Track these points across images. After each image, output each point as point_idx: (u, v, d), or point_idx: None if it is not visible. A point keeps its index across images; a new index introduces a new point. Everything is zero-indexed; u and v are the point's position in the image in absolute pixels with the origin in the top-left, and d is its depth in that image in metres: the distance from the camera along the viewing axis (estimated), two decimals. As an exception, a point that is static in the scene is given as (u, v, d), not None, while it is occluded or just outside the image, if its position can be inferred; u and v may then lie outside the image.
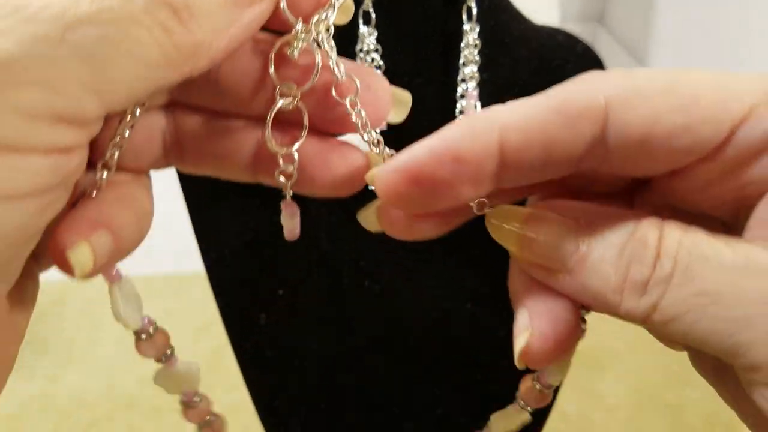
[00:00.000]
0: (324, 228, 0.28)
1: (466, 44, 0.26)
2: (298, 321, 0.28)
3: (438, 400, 0.30)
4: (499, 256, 0.29)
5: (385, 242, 0.28)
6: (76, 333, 0.48)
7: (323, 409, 0.29)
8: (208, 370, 0.45)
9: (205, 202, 0.27)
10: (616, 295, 0.15)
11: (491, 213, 0.16)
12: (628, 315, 0.15)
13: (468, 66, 0.27)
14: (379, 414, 0.30)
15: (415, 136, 0.28)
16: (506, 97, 0.28)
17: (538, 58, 0.29)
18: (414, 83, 0.27)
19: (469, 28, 0.26)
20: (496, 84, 0.28)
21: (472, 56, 0.27)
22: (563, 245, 0.15)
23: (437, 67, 0.27)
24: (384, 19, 0.26)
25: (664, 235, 0.15)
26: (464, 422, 0.31)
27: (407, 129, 0.28)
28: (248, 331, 0.28)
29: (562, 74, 0.30)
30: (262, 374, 0.28)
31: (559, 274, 0.16)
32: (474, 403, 0.30)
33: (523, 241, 0.16)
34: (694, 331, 0.14)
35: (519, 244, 0.16)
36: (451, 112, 0.27)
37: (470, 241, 0.29)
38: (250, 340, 0.28)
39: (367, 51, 0.26)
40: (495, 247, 0.30)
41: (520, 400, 0.19)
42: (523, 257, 0.16)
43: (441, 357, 0.29)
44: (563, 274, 0.16)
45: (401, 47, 0.26)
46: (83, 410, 0.42)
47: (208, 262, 0.27)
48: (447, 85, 0.27)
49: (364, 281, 0.28)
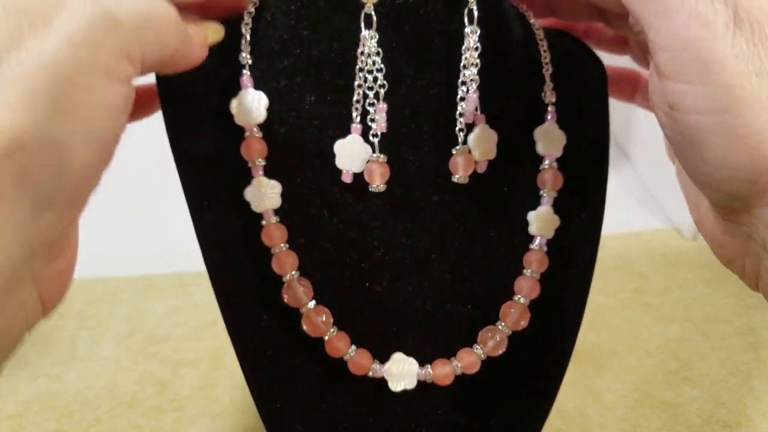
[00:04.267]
0: (325, 229, 0.28)
1: (468, 47, 0.27)
2: (299, 320, 0.28)
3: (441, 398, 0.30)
4: (497, 258, 0.29)
5: (387, 243, 0.28)
6: (77, 332, 0.49)
7: (325, 408, 0.29)
8: (209, 369, 0.45)
9: (205, 202, 0.27)
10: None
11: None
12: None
13: (469, 69, 0.27)
14: (380, 413, 0.30)
15: (418, 138, 0.28)
16: (508, 99, 0.29)
17: (539, 60, 0.29)
18: (416, 86, 0.27)
19: (471, 31, 0.27)
20: (498, 86, 0.28)
21: (474, 59, 0.27)
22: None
23: (439, 69, 0.27)
24: (385, 21, 0.26)
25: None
26: (465, 423, 0.31)
27: (410, 130, 0.28)
28: (249, 331, 0.28)
29: (564, 76, 0.30)
30: (263, 373, 0.29)
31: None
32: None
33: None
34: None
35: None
36: (453, 114, 0.27)
37: (469, 241, 0.29)
38: (251, 339, 0.28)
39: (368, 54, 0.26)
40: (494, 247, 0.30)
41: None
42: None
43: (440, 355, 0.30)
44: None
45: (403, 50, 0.27)
46: (85, 409, 0.42)
47: (208, 262, 0.27)
48: (448, 88, 0.27)
49: (365, 282, 0.28)
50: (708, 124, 0.22)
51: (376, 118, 0.26)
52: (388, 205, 0.28)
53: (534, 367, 0.31)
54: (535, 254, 0.29)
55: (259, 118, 0.27)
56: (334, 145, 0.27)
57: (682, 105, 0.23)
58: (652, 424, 0.42)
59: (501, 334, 0.29)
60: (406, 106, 0.27)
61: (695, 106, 0.22)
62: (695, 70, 0.22)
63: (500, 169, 0.29)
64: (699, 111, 0.22)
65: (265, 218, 0.27)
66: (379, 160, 0.27)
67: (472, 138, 0.27)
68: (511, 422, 0.31)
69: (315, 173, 0.28)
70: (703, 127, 0.22)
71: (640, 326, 0.50)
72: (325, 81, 0.27)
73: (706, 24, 0.21)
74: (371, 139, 0.27)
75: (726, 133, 0.22)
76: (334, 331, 0.28)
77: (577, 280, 0.30)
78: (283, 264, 0.27)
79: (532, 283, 0.29)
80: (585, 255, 0.30)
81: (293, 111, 0.27)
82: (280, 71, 0.27)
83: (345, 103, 0.27)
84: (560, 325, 0.31)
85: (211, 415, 0.42)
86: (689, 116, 0.23)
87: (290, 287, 0.27)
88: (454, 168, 0.27)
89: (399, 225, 0.28)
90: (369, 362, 0.28)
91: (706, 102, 0.22)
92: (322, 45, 0.27)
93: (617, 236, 0.59)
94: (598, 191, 0.30)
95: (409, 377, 0.29)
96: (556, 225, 0.29)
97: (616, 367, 0.46)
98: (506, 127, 0.29)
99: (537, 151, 0.29)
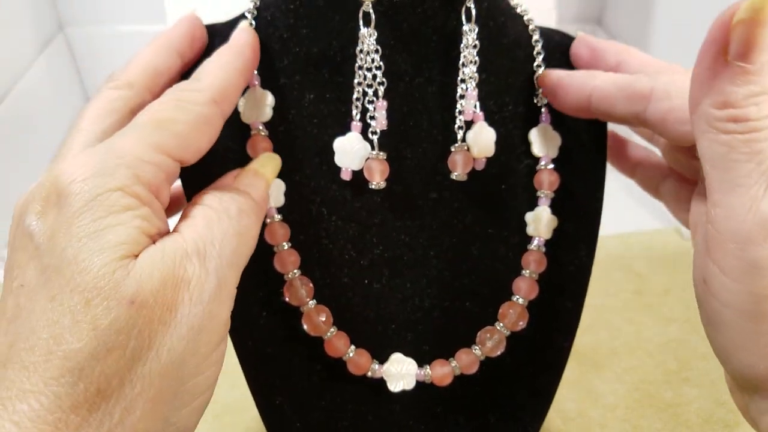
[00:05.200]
0: (324, 226, 0.28)
1: (466, 45, 0.27)
2: (299, 318, 0.28)
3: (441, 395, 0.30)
4: (495, 256, 0.29)
5: (386, 240, 0.28)
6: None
7: (324, 406, 0.29)
8: (209, 368, 0.45)
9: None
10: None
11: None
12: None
13: (467, 66, 0.27)
14: (379, 411, 0.30)
15: (416, 135, 0.28)
16: (505, 97, 0.29)
17: (536, 58, 0.30)
18: (414, 83, 0.27)
19: (469, 29, 0.27)
20: (495, 84, 0.28)
21: (472, 57, 0.27)
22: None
23: (437, 67, 0.27)
24: (384, 19, 0.26)
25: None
26: (463, 422, 0.31)
27: (408, 128, 0.28)
28: (249, 329, 0.28)
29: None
30: (262, 371, 0.29)
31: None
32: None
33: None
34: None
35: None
36: (451, 112, 0.28)
37: (468, 238, 0.29)
38: (250, 337, 0.28)
39: (367, 52, 0.26)
40: (492, 245, 0.30)
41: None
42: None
43: (439, 353, 0.30)
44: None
45: (401, 48, 0.27)
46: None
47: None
48: (447, 86, 0.27)
49: (363, 279, 0.29)
50: (733, 319, 0.21)
51: (376, 115, 0.26)
52: (386, 202, 0.28)
53: (532, 366, 0.31)
54: (534, 255, 0.29)
55: (265, 117, 0.27)
56: (334, 143, 0.27)
57: (714, 288, 0.22)
58: (652, 424, 0.42)
59: (499, 334, 0.29)
60: (404, 103, 0.27)
61: (726, 298, 0.22)
62: (738, 267, 0.21)
63: (498, 167, 0.29)
64: (727, 304, 0.22)
65: (268, 216, 0.27)
66: (379, 157, 0.27)
67: (470, 135, 0.27)
68: (509, 421, 0.31)
69: (314, 171, 0.28)
70: (727, 319, 0.22)
71: (640, 326, 0.50)
72: (324, 79, 0.27)
73: (765, 220, 0.20)
74: (370, 136, 0.27)
75: (747, 336, 0.21)
76: (333, 331, 0.28)
77: (575, 279, 0.30)
78: (286, 262, 0.27)
79: (530, 283, 0.29)
80: (583, 255, 0.30)
81: (292, 109, 0.27)
82: (280, 70, 0.27)
83: (344, 101, 0.27)
84: (558, 325, 0.31)
85: (211, 414, 0.42)
86: (717, 304, 0.22)
87: (292, 285, 0.27)
88: (453, 165, 0.27)
89: (397, 222, 0.28)
90: (368, 362, 0.28)
91: (736, 299, 0.21)
92: (321, 43, 0.27)
93: (617, 236, 0.59)
94: (596, 191, 0.30)
95: (407, 378, 0.29)
96: (554, 225, 0.29)
97: (616, 367, 0.46)
98: (503, 126, 0.29)
99: (533, 152, 0.29)
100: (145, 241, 0.20)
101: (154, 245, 0.20)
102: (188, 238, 0.21)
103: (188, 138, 0.22)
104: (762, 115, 0.20)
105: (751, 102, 0.20)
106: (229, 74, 0.24)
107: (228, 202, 0.23)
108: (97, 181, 0.20)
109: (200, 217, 0.22)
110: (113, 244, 0.19)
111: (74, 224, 0.19)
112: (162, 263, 0.20)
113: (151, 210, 0.21)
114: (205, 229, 0.21)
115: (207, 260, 0.21)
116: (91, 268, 0.19)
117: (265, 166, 0.26)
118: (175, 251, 0.20)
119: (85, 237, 0.19)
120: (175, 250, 0.20)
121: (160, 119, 0.22)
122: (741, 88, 0.20)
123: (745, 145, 0.20)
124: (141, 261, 0.19)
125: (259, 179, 0.25)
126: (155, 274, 0.19)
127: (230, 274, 0.22)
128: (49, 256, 0.19)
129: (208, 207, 0.22)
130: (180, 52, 0.26)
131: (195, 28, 0.27)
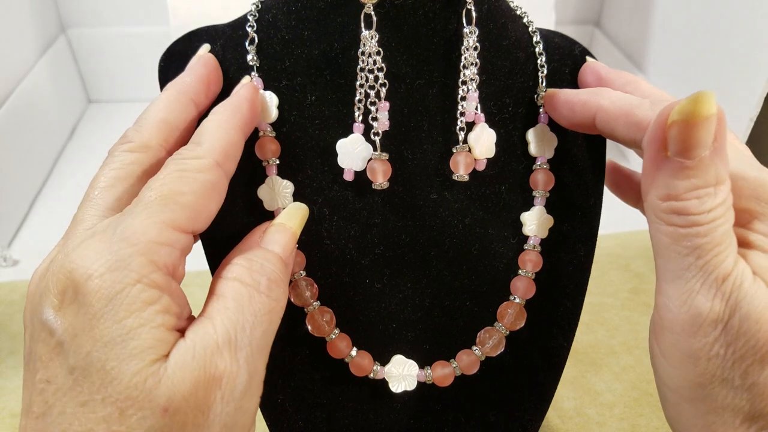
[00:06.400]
0: (326, 226, 0.28)
1: (467, 47, 0.27)
2: (300, 317, 0.28)
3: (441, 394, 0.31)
4: (495, 256, 0.30)
5: (387, 240, 0.29)
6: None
7: (326, 405, 0.30)
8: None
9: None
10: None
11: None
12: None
13: (468, 68, 0.27)
14: (381, 410, 0.30)
15: (417, 136, 0.28)
16: (505, 98, 0.29)
17: (536, 60, 0.30)
18: (415, 85, 0.27)
19: (469, 31, 0.27)
20: (495, 86, 0.29)
21: (473, 58, 0.27)
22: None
23: (438, 69, 0.27)
24: (385, 22, 0.26)
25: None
26: (464, 420, 0.31)
27: (409, 129, 0.28)
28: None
29: (560, 76, 0.30)
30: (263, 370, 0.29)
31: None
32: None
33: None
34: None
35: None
36: (452, 113, 0.28)
37: (468, 238, 0.29)
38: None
39: (369, 53, 0.26)
40: (492, 245, 0.30)
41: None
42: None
43: (439, 352, 0.30)
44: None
45: (402, 50, 0.27)
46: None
47: (211, 261, 0.28)
48: (448, 87, 0.28)
49: (365, 279, 0.29)
50: (676, 401, 0.23)
51: (378, 116, 0.27)
52: (387, 202, 0.28)
53: (531, 365, 0.31)
54: (530, 254, 0.29)
55: (271, 118, 0.27)
56: (336, 144, 0.27)
57: (659, 372, 0.24)
58: (650, 423, 0.42)
59: (499, 334, 0.29)
60: (405, 105, 0.27)
61: (669, 382, 0.23)
62: (676, 355, 0.22)
63: (498, 168, 0.29)
64: (670, 388, 0.23)
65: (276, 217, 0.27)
66: (381, 158, 0.27)
67: (472, 137, 0.28)
68: (509, 420, 0.31)
69: (316, 172, 0.28)
70: (672, 400, 0.24)
71: (639, 325, 0.50)
72: (326, 81, 0.27)
73: (698, 315, 0.21)
74: (372, 137, 0.27)
75: (690, 417, 0.23)
76: (337, 332, 0.28)
77: (573, 278, 0.31)
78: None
79: (527, 283, 0.29)
80: (581, 254, 0.30)
81: (294, 111, 0.28)
82: (282, 72, 0.28)
83: (346, 103, 0.27)
84: (557, 324, 0.31)
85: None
86: (663, 386, 0.24)
87: (297, 286, 0.28)
88: (455, 166, 0.28)
89: (398, 222, 0.29)
90: (370, 364, 0.29)
91: (678, 384, 0.23)
92: (322, 45, 0.27)
93: (615, 235, 0.60)
94: (594, 191, 0.31)
95: (409, 379, 0.29)
96: (550, 225, 0.30)
97: (614, 367, 0.46)
98: (503, 127, 0.29)
99: (530, 152, 0.29)
100: (171, 338, 0.20)
101: (184, 341, 0.20)
102: (219, 326, 0.20)
103: (197, 207, 0.22)
104: (703, 209, 0.21)
105: (693, 195, 0.21)
106: (229, 133, 0.24)
107: (258, 274, 0.22)
108: (115, 276, 0.19)
109: (230, 297, 0.21)
110: (140, 350, 0.19)
111: (96, 327, 0.19)
112: (193, 363, 0.19)
113: (170, 296, 0.20)
114: (237, 313, 0.21)
115: (238, 350, 0.20)
116: (121, 377, 0.18)
117: (292, 219, 0.26)
118: (206, 348, 0.20)
119: (111, 342, 0.18)
120: (205, 346, 0.20)
121: (167, 194, 0.21)
122: (682, 182, 0.21)
123: (685, 239, 0.21)
124: (172, 363, 0.19)
125: (286, 234, 0.25)
126: (187, 377, 0.19)
127: (260, 361, 0.21)
128: (74, 357, 0.19)
129: (238, 282, 0.22)
130: (195, 102, 0.26)
131: (210, 72, 0.26)
